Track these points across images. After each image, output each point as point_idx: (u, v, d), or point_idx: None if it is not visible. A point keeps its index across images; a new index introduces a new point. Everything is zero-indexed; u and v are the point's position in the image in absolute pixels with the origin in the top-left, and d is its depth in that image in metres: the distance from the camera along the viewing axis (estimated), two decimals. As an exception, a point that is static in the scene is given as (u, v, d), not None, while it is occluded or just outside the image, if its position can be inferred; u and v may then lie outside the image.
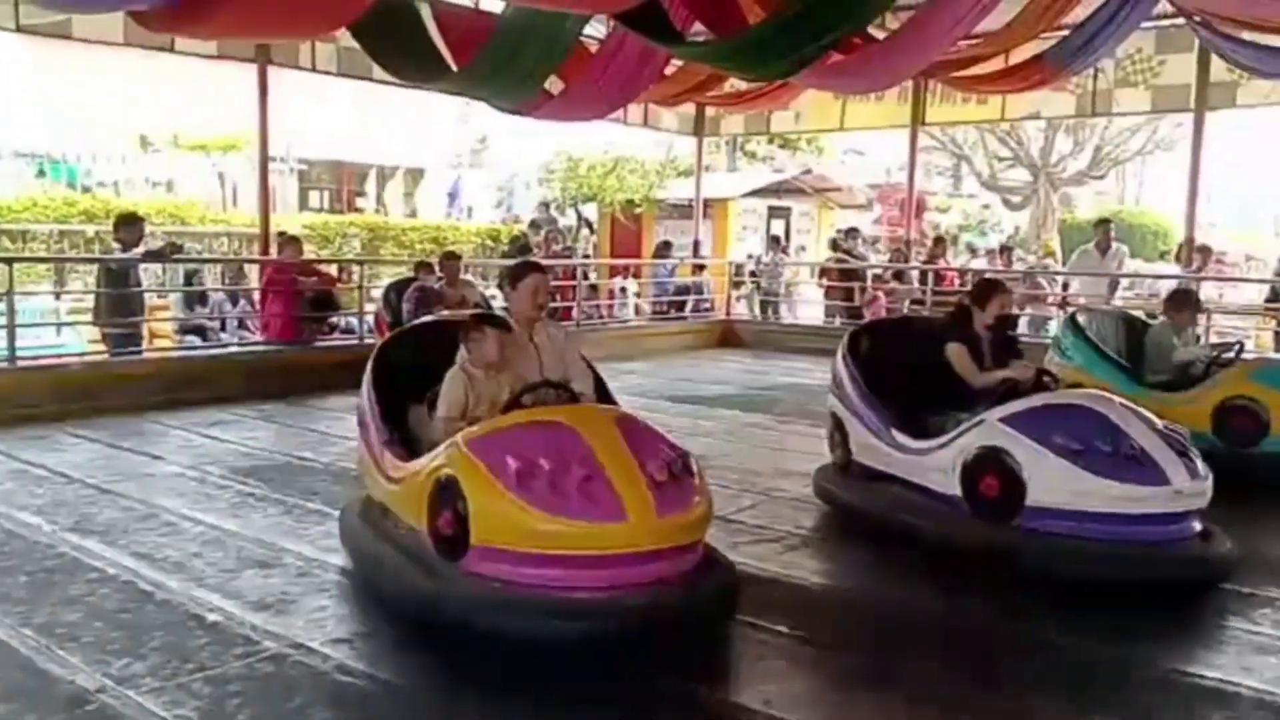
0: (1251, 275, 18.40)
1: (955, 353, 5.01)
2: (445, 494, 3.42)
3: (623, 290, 15.34)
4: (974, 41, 9.18)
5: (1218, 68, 10.74)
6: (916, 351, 5.20)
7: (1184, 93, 11.15)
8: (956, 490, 4.47)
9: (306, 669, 3.23)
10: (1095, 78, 11.53)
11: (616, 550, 3.26)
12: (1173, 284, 10.65)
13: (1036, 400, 4.57)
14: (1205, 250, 12.55)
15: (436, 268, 9.73)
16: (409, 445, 4.07)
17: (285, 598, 3.83)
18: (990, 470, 4.33)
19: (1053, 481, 4.16)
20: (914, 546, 4.57)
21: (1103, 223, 12.47)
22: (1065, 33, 9.38)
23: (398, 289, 9.68)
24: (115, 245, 8.99)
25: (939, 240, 15.25)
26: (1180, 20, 9.95)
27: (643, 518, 3.24)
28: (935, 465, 4.63)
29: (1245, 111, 11.25)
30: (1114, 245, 12.05)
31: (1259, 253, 24.81)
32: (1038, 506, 4.19)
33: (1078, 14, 8.92)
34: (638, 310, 15.00)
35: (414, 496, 3.62)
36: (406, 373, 4.33)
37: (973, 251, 19.06)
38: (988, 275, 6.84)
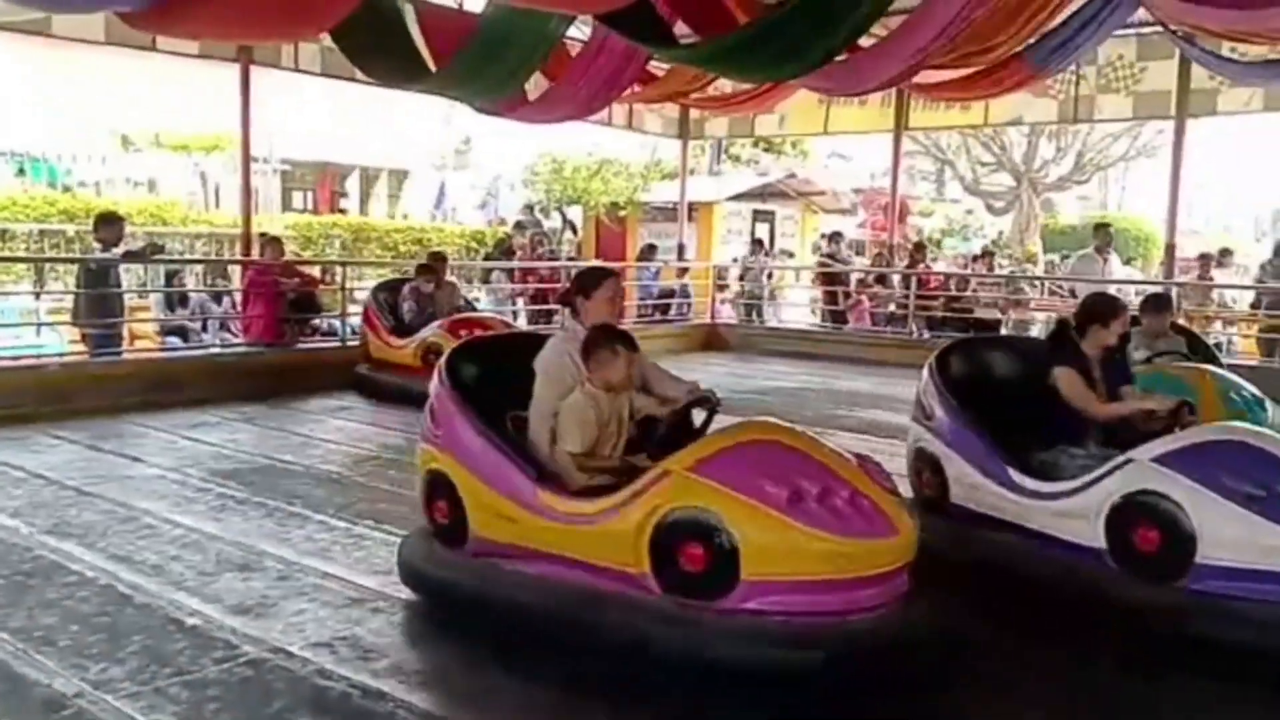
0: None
1: (1066, 379, 4.28)
2: (682, 531, 3.12)
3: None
4: (953, 54, 9.19)
5: (1198, 75, 10.81)
6: (1012, 375, 4.69)
7: (1165, 99, 11.23)
8: (1100, 542, 3.81)
9: (285, 674, 3.20)
10: (1077, 84, 11.60)
11: (887, 568, 3.14)
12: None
13: (1194, 436, 3.87)
14: (1208, 258, 12.63)
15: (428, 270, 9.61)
16: None
17: (265, 601, 3.81)
18: (1147, 520, 3.67)
19: (1230, 534, 3.50)
20: (1036, 599, 3.96)
21: (1102, 228, 12.26)
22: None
23: (388, 290, 9.61)
24: (95, 245, 8.93)
25: (919, 246, 15.32)
26: (1163, 28, 10.02)
27: (906, 531, 3.17)
28: (1068, 511, 3.94)
29: (1226, 119, 11.32)
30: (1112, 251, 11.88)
31: (1240, 258, 25.00)
32: (1211, 564, 3.53)
33: (1056, 19, 8.96)
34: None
35: (614, 538, 3.25)
36: (476, 391, 3.86)
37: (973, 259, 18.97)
38: (1105, 292, 5.86)
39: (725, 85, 12.32)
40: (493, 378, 3.92)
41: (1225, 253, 13.77)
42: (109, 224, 8.78)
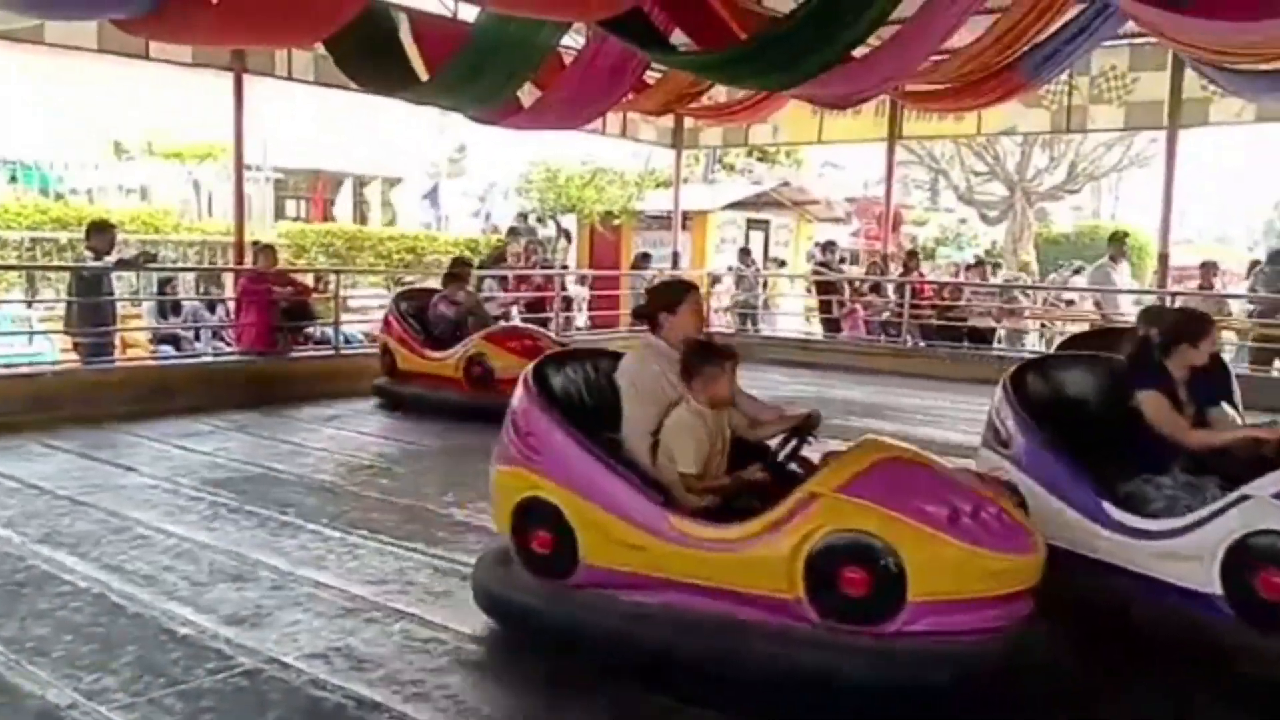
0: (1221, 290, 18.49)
1: (1152, 403, 3.93)
2: (841, 554, 3.03)
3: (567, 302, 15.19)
4: (942, 57, 9.22)
5: (1190, 85, 10.89)
6: (1091, 397, 4.37)
7: (1157, 109, 11.29)
8: (1215, 587, 3.47)
9: (280, 684, 3.19)
10: (1070, 94, 11.67)
11: (1030, 584, 3.13)
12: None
13: None
14: (1209, 266, 12.64)
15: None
16: None
17: (259, 611, 3.79)
18: (1269, 564, 3.36)
19: None
20: (1139, 645, 3.65)
21: (1117, 237, 11.98)
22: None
23: (409, 299, 9.25)
24: (87, 253, 8.91)
25: (912, 254, 15.35)
26: (1154, 38, 10.07)
27: (1042, 547, 3.15)
28: (1176, 552, 3.60)
29: (1218, 129, 11.39)
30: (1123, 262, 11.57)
31: (1233, 267, 25.10)
32: None
33: (1045, 32, 9.01)
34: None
35: (763, 564, 3.14)
36: (567, 409, 3.68)
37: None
38: (1194, 309, 5.54)
39: (719, 95, 12.36)
40: (581, 394, 3.80)
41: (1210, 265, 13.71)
42: (100, 232, 8.77)
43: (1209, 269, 12.51)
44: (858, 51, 7.46)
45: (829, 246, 15.66)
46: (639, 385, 3.59)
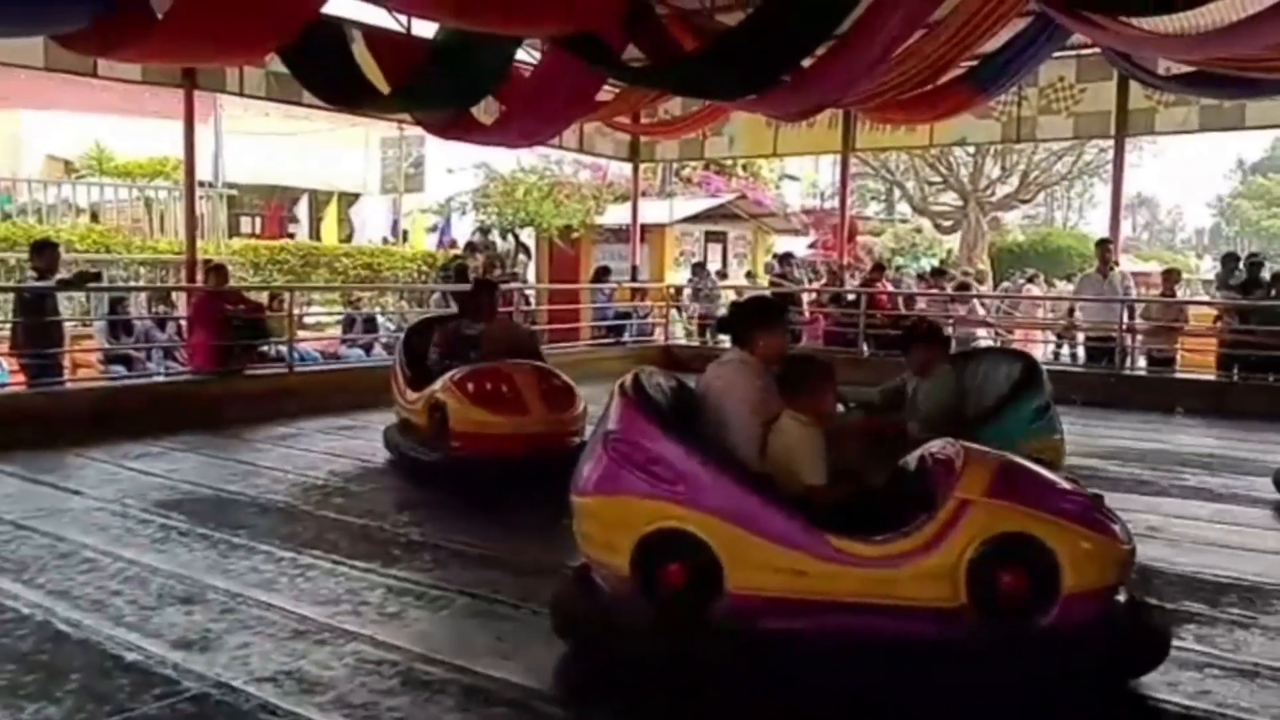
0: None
1: None
2: (1000, 557, 3.18)
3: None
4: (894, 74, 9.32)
5: (1136, 95, 11.11)
6: None
7: (1104, 119, 11.51)
8: None
9: (228, 709, 3.13)
10: (1019, 105, 11.85)
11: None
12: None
13: None
14: (1172, 274, 12.82)
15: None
16: None
17: (208, 635, 3.72)
18: None
19: None
20: None
21: (1103, 243, 11.74)
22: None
23: (419, 332, 7.72)
24: (30, 274, 8.77)
25: (878, 266, 15.48)
26: (1099, 49, 10.26)
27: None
28: None
29: (1166, 138, 11.62)
30: (1116, 268, 11.36)
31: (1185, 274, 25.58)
32: None
33: (993, 43, 9.14)
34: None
35: (929, 575, 3.20)
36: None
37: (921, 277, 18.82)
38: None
39: (675, 108, 12.44)
40: (670, 411, 3.66)
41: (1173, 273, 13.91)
42: (42, 251, 8.62)
43: (1171, 277, 12.73)
44: (805, 63, 7.53)
45: (786, 258, 15.77)
46: (749, 400, 3.60)
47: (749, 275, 19.62)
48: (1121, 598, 3.38)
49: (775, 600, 3.29)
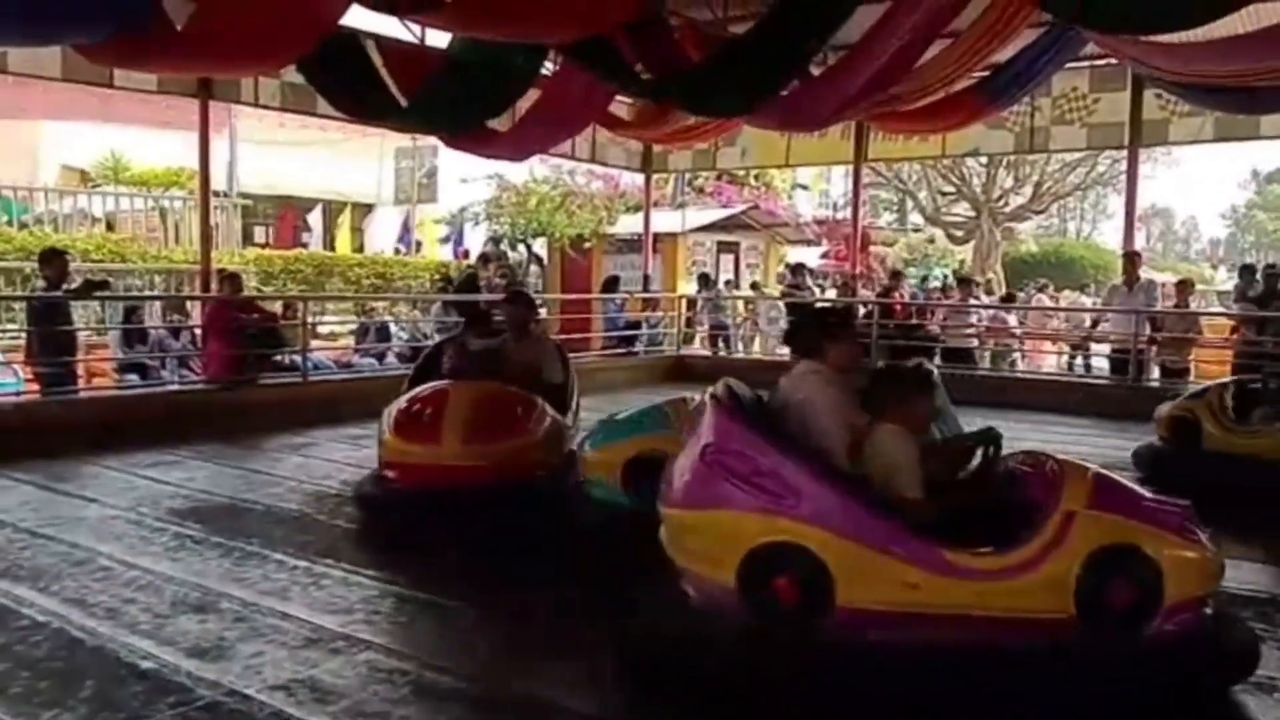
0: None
1: None
2: (1108, 567, 3.24)
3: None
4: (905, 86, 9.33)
5: (1150, 106, 11.07)
6: None
7: (1118, 130, 11.47)
8: None
9: (242, 717, 3.14)
10: (1032, 115, 11.83)
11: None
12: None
13: None
14: (1187, 284, 12.76)
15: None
16: None
17: (222, 644, 3.74)
18: None
19: None
20: None
21: (1129, 256, 11.63)
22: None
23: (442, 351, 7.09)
24: (39, 283, 8.83)
25: (896, 274, 15.46)
26: (1115, 60, 10.24)
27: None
28: None
29: (1180, 148, 11.59)
30: (1144, 278, 11.25)
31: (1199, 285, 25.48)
32: None
33: (1005, 53, 9.14)
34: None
35: (1043, 587, 3.24)
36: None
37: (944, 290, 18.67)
38: None
39: (688, 117, 12.45)
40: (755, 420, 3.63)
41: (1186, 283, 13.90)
42: (51, 260, 8.65)
43: (1184, 288, 12.67)
44: (815, 71, 7.55)
45: (799, 269, 15.78)
46: (834, 411, 3.58)
47: (754, 286, 19.59)
48: (1208, 609, 3.41)
49: (884, 614, 3.27)
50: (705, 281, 16.87)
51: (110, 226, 16.98)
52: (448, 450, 5.49)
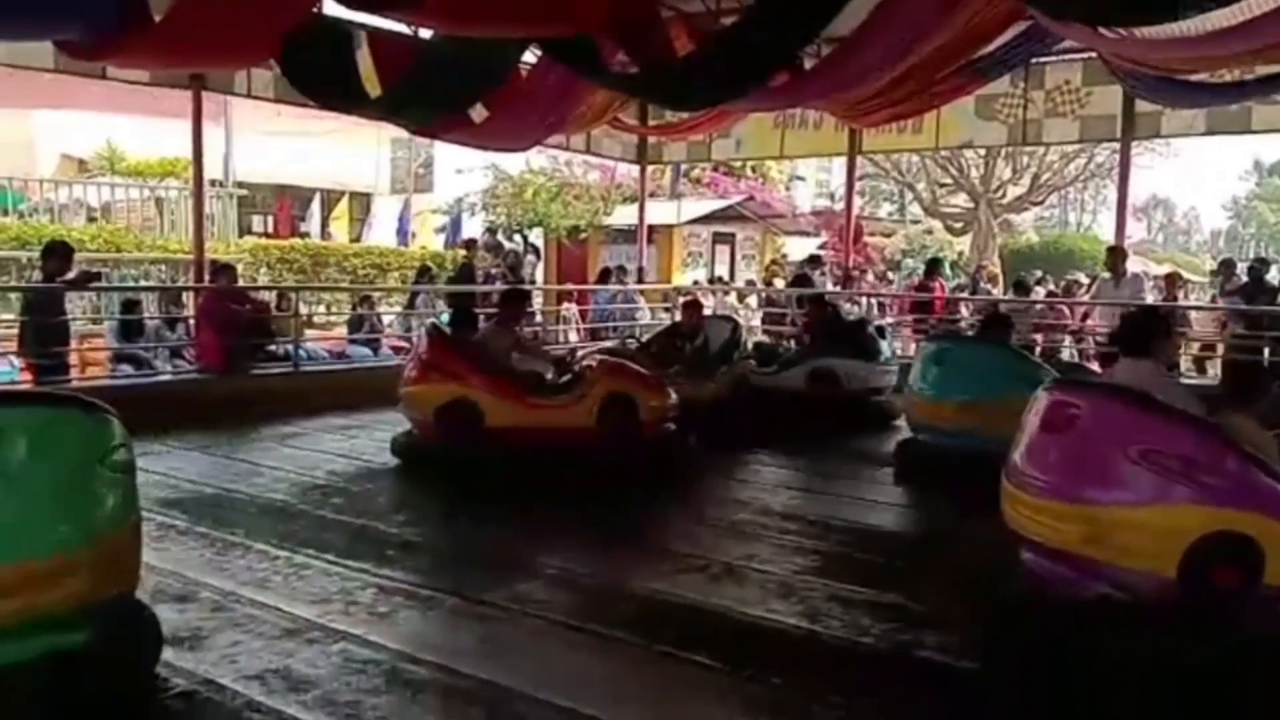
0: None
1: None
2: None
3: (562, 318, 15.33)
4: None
5: (1142, 98, 11.06)
6: None
7: (1110, 122, 11.46)
8: None
9: (215, 706, 3.19)
10: (1025, 108, 11.81)
11: None
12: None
13: None
14: (1175, 277, 12.77)
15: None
16: None
17: (198, 633, 3.78)
18: None
19: None
20: None
21: (1113, 250, 11.63)
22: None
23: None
24: (36, 275, 8.84)
25: (934, 260, 15.42)
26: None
27: None
28: None
29: (1177, 140, 11.59)
30: (1130, 272, 11.30)
31: (1194, 276, 25.49)
32: None
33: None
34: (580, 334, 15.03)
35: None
36: None
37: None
38: None
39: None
40: None
41: (1173, 276, 13.92)
42: (54, 255, 8.64)
43: (1173, 280, 12.67)
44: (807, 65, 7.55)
45: (814, 260, 15.78)
46: (1190, 403, 3.76)
47: (750, 283, 19.54)
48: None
49: None
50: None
51: (106, 216, 17.00)
52: None
